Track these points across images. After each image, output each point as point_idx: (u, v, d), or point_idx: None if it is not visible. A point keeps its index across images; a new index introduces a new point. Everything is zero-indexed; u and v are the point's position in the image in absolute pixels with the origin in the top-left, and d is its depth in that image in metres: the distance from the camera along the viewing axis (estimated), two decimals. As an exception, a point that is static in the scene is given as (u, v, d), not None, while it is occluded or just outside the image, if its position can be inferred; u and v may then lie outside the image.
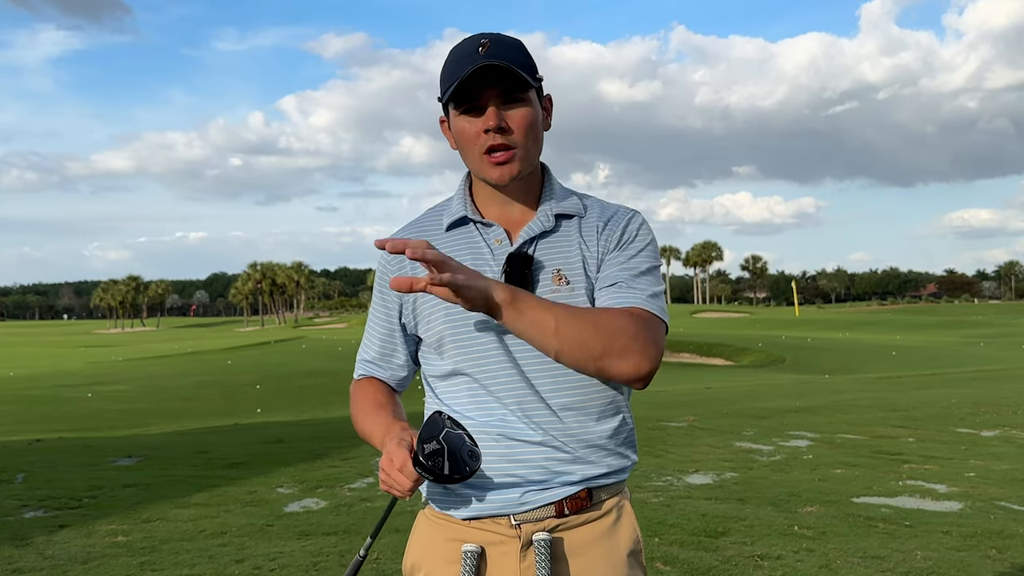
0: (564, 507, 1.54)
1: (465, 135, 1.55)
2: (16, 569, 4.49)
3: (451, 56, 1.55)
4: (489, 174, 1.55)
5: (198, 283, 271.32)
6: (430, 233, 1.64)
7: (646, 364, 1.47)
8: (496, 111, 1.51)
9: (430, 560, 1.59)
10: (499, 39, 1.54)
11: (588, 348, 1.44)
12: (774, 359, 33.80)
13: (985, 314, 77.24)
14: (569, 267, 1.57)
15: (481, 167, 1.56)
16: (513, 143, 1.53)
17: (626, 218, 1.63)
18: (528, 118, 1.53)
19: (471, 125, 1.54)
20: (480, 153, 1.54)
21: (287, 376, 28.15)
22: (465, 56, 1.52)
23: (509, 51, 1.52)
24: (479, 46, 1.51)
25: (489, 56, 1.49)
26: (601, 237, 1.60)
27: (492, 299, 1.39)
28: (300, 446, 9.26)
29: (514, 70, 1.49)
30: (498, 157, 1.53)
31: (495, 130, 1.51)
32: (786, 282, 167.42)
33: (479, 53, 1.50)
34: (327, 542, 4.91)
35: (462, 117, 1.54)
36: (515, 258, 1.55)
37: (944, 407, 11.61)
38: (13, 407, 21.81)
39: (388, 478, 1.46)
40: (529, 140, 1.54)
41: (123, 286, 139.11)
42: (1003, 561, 4.49)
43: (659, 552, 4.59)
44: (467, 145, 1.56)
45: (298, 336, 63.97)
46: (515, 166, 1.54)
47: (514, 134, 1.53)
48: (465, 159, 1.59)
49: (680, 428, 9.76)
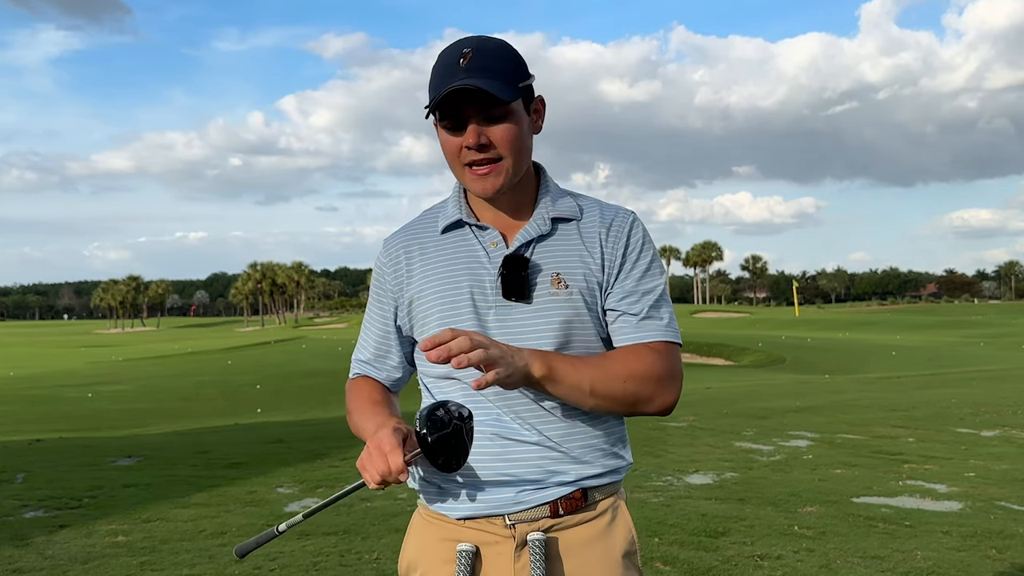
0: (559, 507, 1.55)
1: (448, 148, 1.55)
2: (16, 569, 4.49)
3: (436, 65, 1.54)
4: (473, 187, 1.56)
5: (198, 283, 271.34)
6: (425, 236, 1.65)
7: (672, 399, 1.58)
8: (476, 129, 1.50)
9: (426, 560, 1.60)
10: (483, 47, 1.51)
11: (621, 400, 1.54)
12: (774, 359, 33.82)
13: (985, 314, 77.25)
14: (568, 271, 1.57)
15: (465, 180, 1.57)
16: (495, 157, 1.52)
17: (627, 224, 1.62)
18: (510, 133, 1.52)
19: (453, 139, 1.53)
20: (463, 166, 1.55)
21: (287, 376, 28.16)
22: (447, 67, 1.50)
23: (492, 61, 1.50)
24: (461, 56, 1.49)
25: (470, 69, 1.47)
26: (606, 245, 1.60)
27: (532, 378, 1.47)
28: (300, 446, 9.26)
29: (489, 94, 1.46)
30: (480, 171, 1.53)
31: (475, 148, 1.51)
32: (786, 282, 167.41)
33: (460, 65, 1.48)
34: (327, 542, 4.91)
35: (445, 131, 1.54)
36: (512, 260, 1.55)
37: (944, 407, 11.61)
38: (13, 407, 21.82)
39: (369, 460, 1.42)
40: (513, 153, 1.53)
41: (123, 286, 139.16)
42: (1003, 561, 4.49)
43: (659, 552, 4.59)
44: (450, 158, 1.56)
45: (298, 336, 64.00)
46: (498, 179, 1.54)
47: (496, 149, 1.52)
48: (451, 170, 1.59)
49: (680, 428, 9.76)
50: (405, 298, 1.64)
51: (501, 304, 1.56)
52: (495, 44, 1.53)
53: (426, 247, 1.64)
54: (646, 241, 1.63)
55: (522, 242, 1.58)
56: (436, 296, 1.59)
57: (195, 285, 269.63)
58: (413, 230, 1.68)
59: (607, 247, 1.60)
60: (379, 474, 1.40)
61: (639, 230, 1.63)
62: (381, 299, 1.69)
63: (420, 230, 1.67)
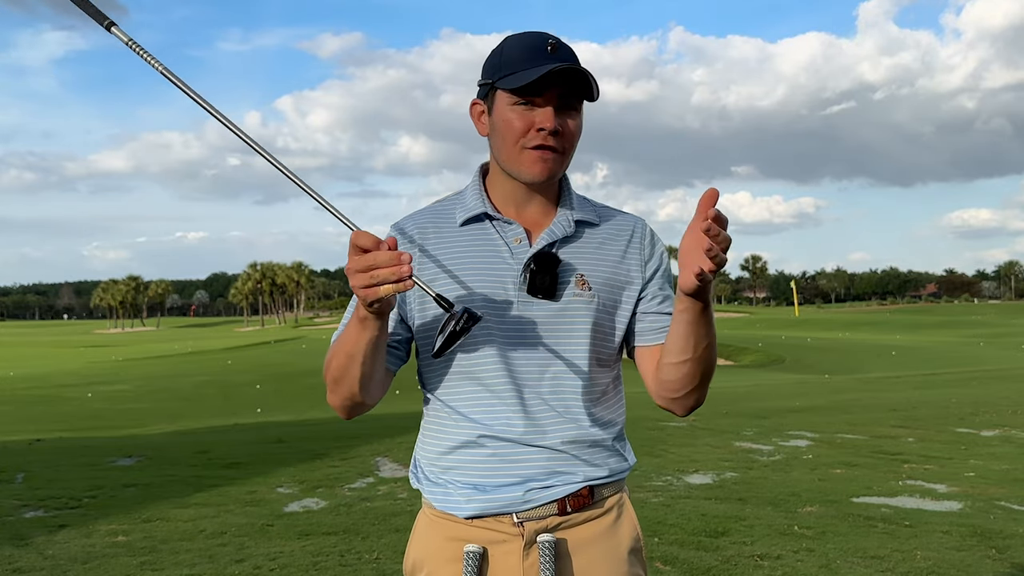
0: (567, 505, 1.55)
1: (511, 127, 1.52)
2: (16, 569, 4.49)
3: (514, 44, 1.53)
4: (530, 168, 1.53)
5: (198, 283, 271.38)
6: (443, 225, 1.61)
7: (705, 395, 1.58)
8: (554, 114, 1.51)
9: (432, 560, 1.59)
10: (564, 44, 1.54)
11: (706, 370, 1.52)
12: (774, 359, 33.83)
13: (985, 314, 77.27)
14: (592, 274, 1.58)
15: (519, 160, 1.54)
16: (560, 147, 1.53)
17: (648, 233, 1.67)
18: (578, 129, 1.55)
19: (523, 119, 1.51)
20: (522, 147, 1.52)
21: (287, 376, 28.15)
22: (534, 50, 1.51)
23: (575, 58, 1.53)
24: (548, 45, 1.51)
25: (559, 59, 1.49)
26: (630, 253, 1.63)
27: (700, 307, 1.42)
28: (300, 446, 9.25)
29: (590, 80, 1.49)
30: (545, 155, 1.52)
31: (551, 132, 1.51)
32: (786, 282, 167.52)
33: (549, 52, 1.50)
34: (327, 542, 4.91)
35: (515, 108, 1.52)
36: (545, 257, 1.54)
37: (944, 407, 11.61)
38: (13, 407, 21.82)
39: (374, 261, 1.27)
40: (571, 148, 1.56)
41: (123, 286, 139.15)
42: (1003, 561, 4.49)
43: (659, 552, 4.59)
44: (510, 136, 1.53)
45: (298, 336, 64.00)
46: (556, 168, 1.54)
47: (563, 140, 1.53)
48: (499, 149, 1.56)
49: (680, 428, 9.76)
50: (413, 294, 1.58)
51: (524, 300, 1.55)
52: (569, 47, 1.56)
53: (443, 237, 1.60)
54: (664, 248, 1.69)
55: (548, 241, 1.57)
56: (452, 289, 1.56)
57: (195, 285, 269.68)
58: (428, 217, 1.64)
59: (631, 255, 1.63)
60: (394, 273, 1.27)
61: (658, 239, 1.69)
62: None
63: (436, 218, 1.63)
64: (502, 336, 1.54)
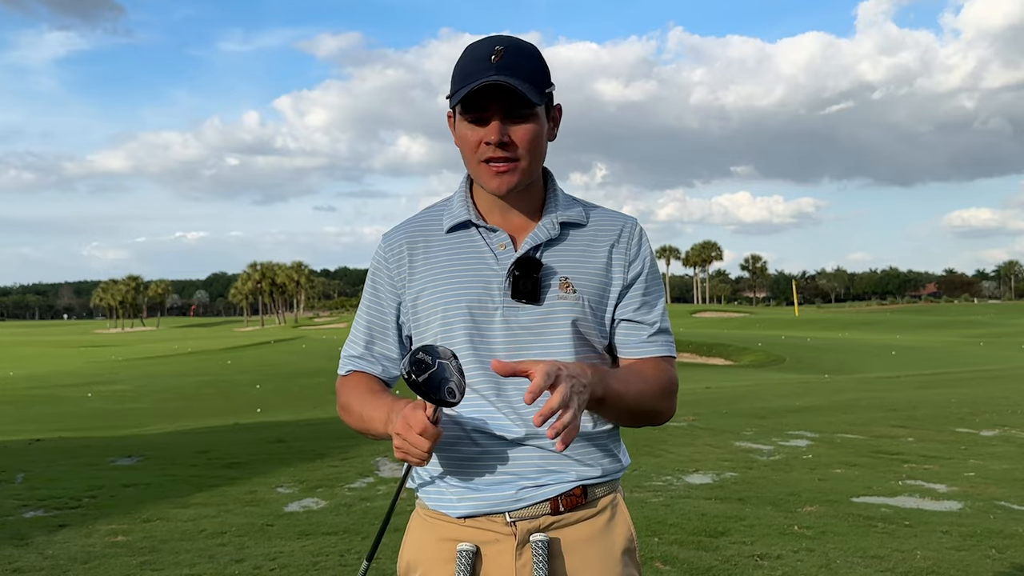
0: (560, 504, 1.55)
1: (467, 142, 1.55)
2: (16, 569, 4.49)
3: (464, 57, 1.53)
4: (488, 183, 1.55)
5: (198, 283, 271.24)
6: (431, 234, 1.64)
7: (671, 413, 1.65)
8: (499, 125, 1.50)
9: (425, 560, 1.59)
10: (515, 47, 1.52)
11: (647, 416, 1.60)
12: (774, 359, 33.80)
13: (985, 314, 77.23)
14: (576, 276, 1.59)
15: (479, 174, 1.56)
16: (514, 156, 1.53)
17: (636, 234, 1.66)
18: (531, 134, 1.53)
19: (473, 133, 1.53)
20: (479, 161, 1.54)
21: (287, 376, 28.17)
22: (478, 61, 1.50)
23: (524, 61, 1.51)
24: (493, 53, 1.49)
25: (501, 67, 1.47)
26: (615, 254, 1.62)
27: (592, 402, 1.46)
28: (300, 446, 9.25)
29: (521, 93, 1.47)
30: (498, 167, 1.53)
31: (496, 144, 1.51)
32: (786, 282, 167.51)
33: (491, 62, 1.48)
34: (327, 542, 4.91)
35: (466, 124, 1.54)
36: (525, 262, 1.56)
37: (944, 407, 11.61)
38: (13, 407, 21.84)
39: (404, 442, 1.42)
40: (530, 155, 1.54)
41: (123, 286, 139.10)
42: (1003, 561, 4.50)
43: (659, 552, 4.59)
44: (467, 152, 1.56)
45: (298, 336, 63.98)
46: (513, 178, 1.54)
47: (516, 148, 1.52)
48: (465, 163, 1.59)
49: (680, 428, 9.76)
50: (407, 296, 1.63)
51: (509, 305, 1.56)
52: (527, 47, 1.54)
53: (431, 245, 1.63)
54: (652, 253, 1.68)
55: (531, 245, 1.58)
56: (439, 296, 1.59)
57: (195, 285, 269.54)
58: (416, 226, 1.67)
59: (616, 256, 1.62)
60: (425, 450, 1.41)
61: (646, 240, 1.67)
62: (379, 293, 1.67)
63: (424, 227, 1.66)
64: (491, 340, 1.56)
